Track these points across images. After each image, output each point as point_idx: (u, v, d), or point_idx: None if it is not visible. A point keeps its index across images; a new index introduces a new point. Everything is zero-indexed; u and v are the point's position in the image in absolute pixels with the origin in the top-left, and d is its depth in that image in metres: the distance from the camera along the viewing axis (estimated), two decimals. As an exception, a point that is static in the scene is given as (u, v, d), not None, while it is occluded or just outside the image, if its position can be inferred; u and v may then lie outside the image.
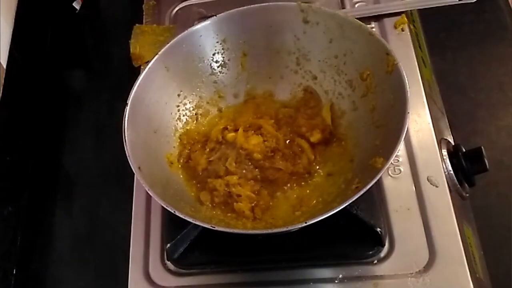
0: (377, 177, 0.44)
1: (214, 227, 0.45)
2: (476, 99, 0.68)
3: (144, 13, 0.76)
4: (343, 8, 0.70)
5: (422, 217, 0.53)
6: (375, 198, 0.53)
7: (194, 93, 0.61)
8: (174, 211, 0.45)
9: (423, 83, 0.60)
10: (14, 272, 0.63)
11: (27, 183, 0.69)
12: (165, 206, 0.46)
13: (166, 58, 0.57)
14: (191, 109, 0.61)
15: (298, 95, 0.61)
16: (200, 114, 0.62)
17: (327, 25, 0.56)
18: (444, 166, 0.55)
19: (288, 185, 0.55)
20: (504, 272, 0.56)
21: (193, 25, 0.59)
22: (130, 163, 0.48)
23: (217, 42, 0.60)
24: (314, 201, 0.53)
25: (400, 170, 0.56)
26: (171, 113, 0.60)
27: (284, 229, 0.46)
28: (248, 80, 0.62)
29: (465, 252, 0.50)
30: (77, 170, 0.70)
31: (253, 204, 0.53)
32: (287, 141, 0.57)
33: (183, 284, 0.54)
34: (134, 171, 0.48)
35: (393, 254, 0.52)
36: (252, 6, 0.58)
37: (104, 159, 0.69)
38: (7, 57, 0.69)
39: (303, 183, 0.55)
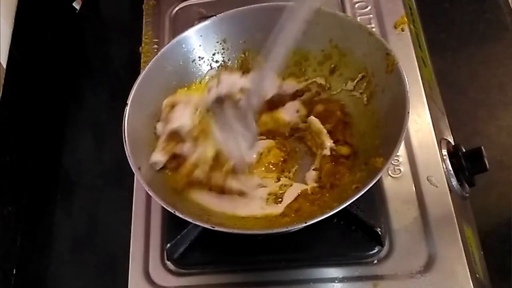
0: (377, 177, 0.44)
1: (214, 227, 0.45)
2: (476, 99, 0.68)
3: (144, 13, 0.76)
4: (343, 8, 0.69)
5: (422, 217, 0.53)
6: (375, 198, 0.53)
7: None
8: (174, 211, 0.45)
9: (423, 83, 0.60)
10: (14, 272, 0.63)
11: (27, 183, 0.69)
12: (165, 206, 0.46)
13: (166, 58, 0.57)
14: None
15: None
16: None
17: (327, 25, 0.56)
18: (444, 166, 0.55)
19: None
20: (504, 272, 0.56)
21: (193, 25, 0.59)
22: (130, 163, 0.48)
23: (217, 42, 0.60)
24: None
25: (400, 170, 0.56)
26: (171, 113, 0.60)
27: (284, 229, 0.46)
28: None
29: (465, 252, 0.50)
30: (77, 170, 0.70)
31: None
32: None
33: (183, 284, 0.54)
34: (134, 171, 0.48)
35: (393, 254, 0.52)
36: (252, 6, 0.58)
37: (104, 159, 0.70)
38: (7, 57, 0.69)
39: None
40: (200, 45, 0.59)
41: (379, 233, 0.51)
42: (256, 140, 0.55)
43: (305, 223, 0.43)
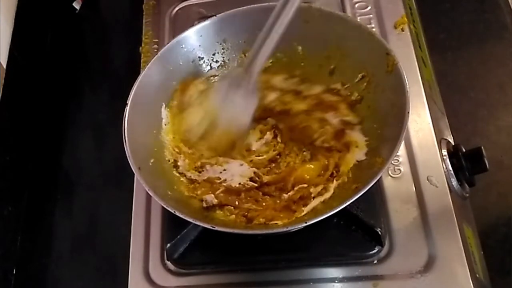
0: (377, 177, 0.44)
1: (214, 227, 0.45)
2: (476, 99, 0.68)
3: (144, 13, 0.76)
4: (343, 8, 0.70)
5: (422, 217, 0.53)
6: (375, 198, 0.53)
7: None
8: (174, 211, 0.45)
9: (423, 83, 0.60)
10: (14, 272, 0.63)
11: (27, 183, 0.69)
12: (165, 206, 0.46)
13: (166, 58, 0.57)
14: (191, 109, 0.61)
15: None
16: (200, 114, 0.62)
17: (327, 25, 0.56)
18: (444, 166, 0.55)
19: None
20: (504, 272, 0.56)
21: (193, 25, 0.59)
22: (130, 163, 0.48)
23: (217, 42, 0.60)
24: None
25: (400, 170, 0.56)
26: (171, 113, 0.60)
27: (284, 229, 0.46)
28: (248, 80, 0.62)
29: (465, 252, 0.50)
30: (77, 170, 0.70)
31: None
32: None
33: (183, 284, 0.54)
34: (134, 171, 0.48)
35: (393, 254, 0.52)
36: (252, 6, 0.58)
37: (104, 159, 0.70)
38: (7, 57, 0.69)
39: None
40: (200, 45, 0.59)
41: (379, 233, 0.51)
42: (255, 107, 0.55)
43: (305, 223, 0.43)
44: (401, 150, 0.57)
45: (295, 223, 0.46)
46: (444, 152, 0.56)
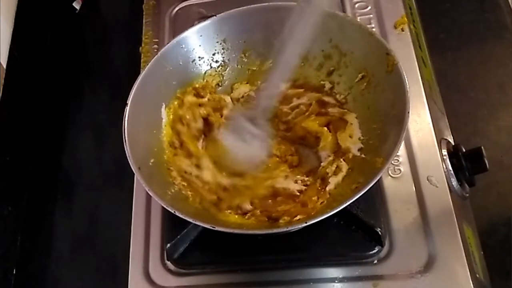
0: (377, 177, 0.44)
1: (214, 227, 0.45)
2: (476, 99, 0.68)
3: (144, 13, 0.76)
4: (343, 8, 0.70)
5: (422, 217, 0.53)
6: (375, 198, 0.53)
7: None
8: (174, 211, 0.45)
9: (423, 83, 0.60)
10: (14, 272, 0.63)
11: (27, 183, 0.69)
12: (165, 206, 0.46)
13: (166, 58, 0.57)
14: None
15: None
16: (200, 114, 0.62)
17: (327, 25, 0.56)
18: (444, 166, 0.55)
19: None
20: (504, 272, 0.56)
21: (193, 25, 0.59)
22: (130, 163, 0.48)
23: (217, 42, 0.60)
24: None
25: (400, 170, 0.56)
26: (171, 113, 0.60)
27: (284, 229, 0.46)
28: (247, 81, 0.62)
29: (465, 252, 0.50)
30: (77, 170, 0.70)
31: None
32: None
33: (183, 284, 0.54)
34: (134, 171, 0.48)
35: (393, 254, 0.52)
36: (252, 6, 0.58)
37: (104, 159, 0.70)
38: (7, 57, 0.69)
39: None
40: (200, 45, 0.59)
41: (379, 233, 0.51)
42: (270, 141, 0.56)
43: (305, 223, 0.43)
44: (401, 150, 0.57)
45: (315, 216, 0.46)
46: (444, 152, 0.56)
